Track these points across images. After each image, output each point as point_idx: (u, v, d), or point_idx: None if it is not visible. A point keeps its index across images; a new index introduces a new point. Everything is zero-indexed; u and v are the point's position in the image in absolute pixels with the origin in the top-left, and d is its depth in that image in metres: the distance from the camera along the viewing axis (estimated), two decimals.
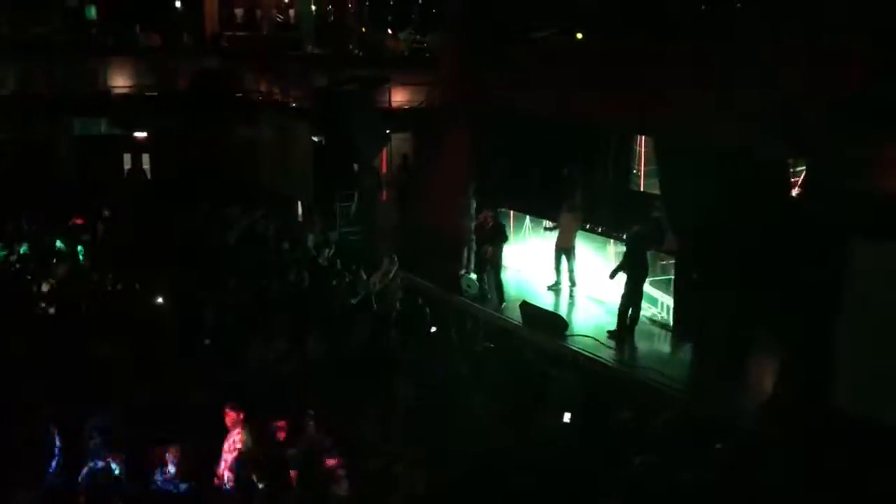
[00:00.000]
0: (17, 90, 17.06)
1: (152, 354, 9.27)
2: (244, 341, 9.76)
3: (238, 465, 6.77)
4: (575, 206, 12.62)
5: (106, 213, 15.11)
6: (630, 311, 10.84)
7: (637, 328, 10.98)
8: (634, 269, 10.76)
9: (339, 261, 13.66)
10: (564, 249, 12.60)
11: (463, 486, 7.06)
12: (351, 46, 18.19)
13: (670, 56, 10.07)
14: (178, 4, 19.98)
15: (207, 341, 10.00)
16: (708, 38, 9.70)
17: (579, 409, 8.61)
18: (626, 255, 10.88)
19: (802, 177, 9.42)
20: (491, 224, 12.41)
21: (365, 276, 12.47)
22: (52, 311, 10.79)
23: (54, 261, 12.59)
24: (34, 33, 17.84)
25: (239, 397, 7.40)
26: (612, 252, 12.31)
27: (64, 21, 18.60)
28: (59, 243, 13.40)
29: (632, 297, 10.80)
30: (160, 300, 11.10)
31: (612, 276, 10.99)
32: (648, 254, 10.91)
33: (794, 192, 9.64)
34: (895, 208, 7.55)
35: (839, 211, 7.91)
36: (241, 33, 20.11)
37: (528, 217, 14.04)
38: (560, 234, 12.60)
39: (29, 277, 11.82)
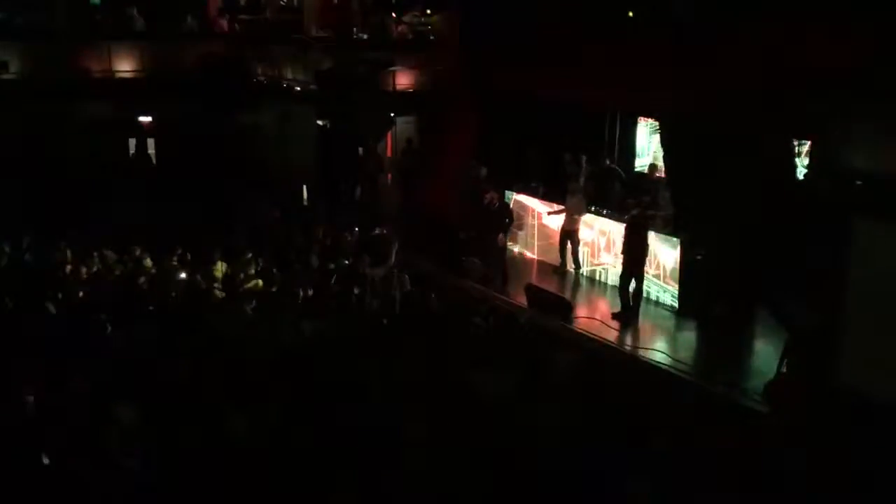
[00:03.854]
0: (21, 74, 17.07)
1: None
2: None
3: None
4: (579, 190, 12.63)
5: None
6: (633, 293, 10.87)
7: (641, 309, 11.02)
8: (634, 250, 10.77)
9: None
10: (569, 232, 12.61)
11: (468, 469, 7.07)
12: (355, 29, 18.12)
13: (673, 41, 10.04)
14: None
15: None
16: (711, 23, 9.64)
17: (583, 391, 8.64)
18: (626, 237, 10.90)
19: (807, 157, 9.41)
20: (497, 205, 12.42)
21: (369, 260, 12.48)
22: None
23: None
24: (37, 18, 17.84)
25: None
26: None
27: (68, 5, 18.57)
28: None
29: (633, 278, 10.82)
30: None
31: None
32: None
33: (800, 172, 9.63)
34: None
35: (843, 191, 7.90)
36: (245, 16, 20.04)
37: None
38: (565, 217, 12.61)
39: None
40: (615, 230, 12.11)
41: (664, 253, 11.27)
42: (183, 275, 11.51)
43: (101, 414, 7.28)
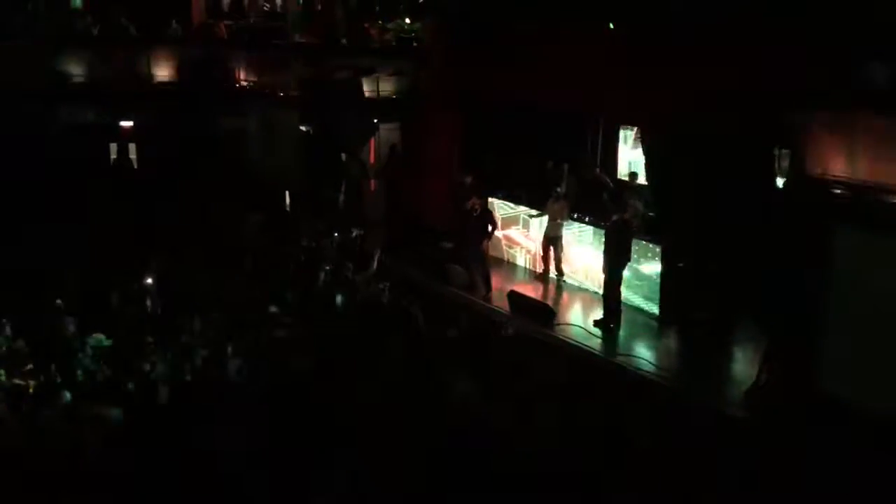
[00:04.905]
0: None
1: None
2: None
3: None
4: (562, 196, 12.67)
5: None
6: (614, 300, 10.91)
7: (624, 316, 11.06)
8: (615, 257, 10.82)
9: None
10: (552, 239, 12.65)
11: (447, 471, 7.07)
12: (338, 36, 18.10)
13: (656, 48, 10.13)
14: None
15: None
16: (693, 31, 9.73)
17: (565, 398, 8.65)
18: (607, 244, 10.94)
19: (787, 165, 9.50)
20: (479, 211, 12.42)
21: (351, 268, 12.47)
22: None
23: None
24: (18, 22, 17.66)
25: None
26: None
27: (48, 9, 18.40)
28: None
29: (614, 285, 10.87)
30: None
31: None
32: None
33: (780, 180, 9.72)
34: (878, 196, 7.64)
35: (822, 199, 7.99)
36: (228, 22, 19.94)
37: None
38: (547, 223, 12.64)
39: None
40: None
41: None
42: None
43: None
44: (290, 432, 7.43)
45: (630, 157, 14.32)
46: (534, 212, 13.06)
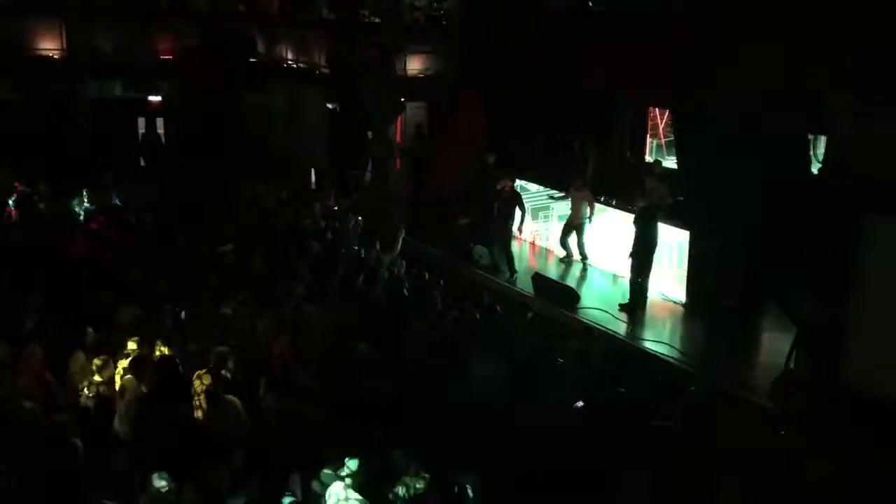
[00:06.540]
0: (30, 50, 17.02)
1: None
2: None
3: None
4: (585, 184, 12.51)
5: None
6: (641, 285, 10.78)
7: (649, 302, 10.93)
8: (643, 242, 10.67)
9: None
10: (575, 226, 12.49)
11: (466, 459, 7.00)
12: (367, 12, 18.02)
13: (689, 30, 9.93)
14: None
15: None
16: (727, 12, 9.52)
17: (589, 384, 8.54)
18: (635, 229, 10.78)
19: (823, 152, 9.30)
20: (509, 191, 12.29)
21: (378, 247, 12.42)
22: None
23: None
24: None
25: None
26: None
27: None
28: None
29: (641, 270, 10.73)
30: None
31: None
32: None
33: (814, 167, 9.52)
34: None
35: (856, 187, 7.80)
36: None
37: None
38: (571, 210, 12.49)
39: None
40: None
41: None
42: None
43: None
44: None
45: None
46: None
